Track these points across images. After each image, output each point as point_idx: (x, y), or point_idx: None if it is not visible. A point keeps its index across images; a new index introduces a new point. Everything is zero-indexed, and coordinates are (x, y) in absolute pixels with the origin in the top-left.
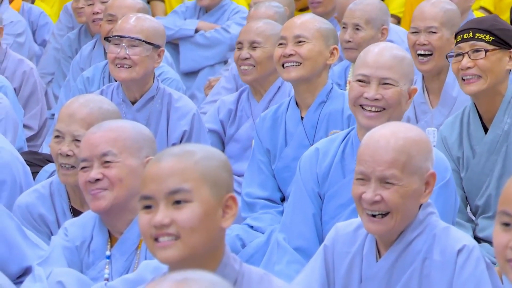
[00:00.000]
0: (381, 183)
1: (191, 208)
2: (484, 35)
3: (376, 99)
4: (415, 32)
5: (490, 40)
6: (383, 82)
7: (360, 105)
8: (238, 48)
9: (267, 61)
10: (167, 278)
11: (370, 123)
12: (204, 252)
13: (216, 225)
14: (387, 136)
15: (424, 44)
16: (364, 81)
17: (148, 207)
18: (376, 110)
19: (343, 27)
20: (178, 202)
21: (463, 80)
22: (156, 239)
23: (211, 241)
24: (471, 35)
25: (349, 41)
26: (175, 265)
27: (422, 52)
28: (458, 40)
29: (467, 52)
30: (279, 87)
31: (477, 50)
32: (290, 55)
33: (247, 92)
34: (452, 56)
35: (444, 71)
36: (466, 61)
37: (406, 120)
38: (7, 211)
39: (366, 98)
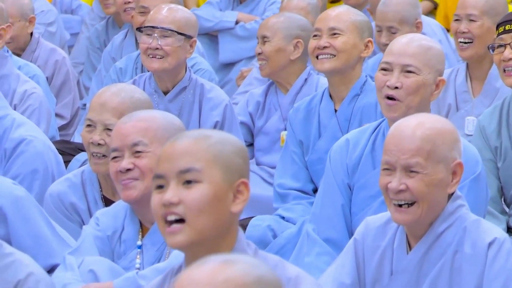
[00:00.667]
0: (406, 172)
1: (200, 188)
2: None
3: (396, 88)
4: (457, 19)
5: None
6: (405, 70)
7: (385, 96)
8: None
9: (276, 55)
10: (209, 259)
11: (391, 114)
12: (213, 237)
13: (225, 209)
14: (412, 126)
15: (464, 32)
16: (387, 69)
17: (160, 186)
18: (398, 99)
19: (378, 30)
20: (188, 182)
21: (504, 71)
22: (165, 220)
23: (219, 225)
24: None
25: (386, 44)
26: (187, 251)
27: (463, 40)
28: (500, 31)
29: (509, 44)
30: (306, 79)
31: None
32: (325, 47)
33: (275, 84)
34: (494, 47)
35: (488, 61)
36: (508, 53)
37: (447, 108)
38: (37, 205)
39: (388, 86)
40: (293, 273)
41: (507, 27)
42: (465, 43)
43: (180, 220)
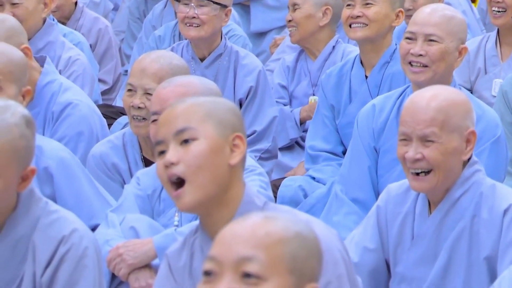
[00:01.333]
0: (421, 142)
1: (197, 145)
2: None
3: (420, 55)
4: None
5: None
6: (429, 39)
7: (409, 62)
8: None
9: (306, 22)
10: (251, 215)
11: (416, 78)
12: (217, 192)
13: (223, 162)
14: (426, 97)
15: (498, 2)
16: (411, 38)
17: (162, 152)
18: (421, 65)
19: None
20: (185, 141)
21: None
22: (171, 182)
23: (220, 179)
24: None
25: (409, 9)
26: (198, 211)
27: (496, 9)
28: None
29: None
30: (334, 46)
31: None
32: (358, 16)
33: (305, 52)
34: None
35: None
36: None
37: (476, 71)
38: (81, 167)
39: (412, 54)
40: (303, 218)
41: None
42: (498, 11)
43: (182, 182)
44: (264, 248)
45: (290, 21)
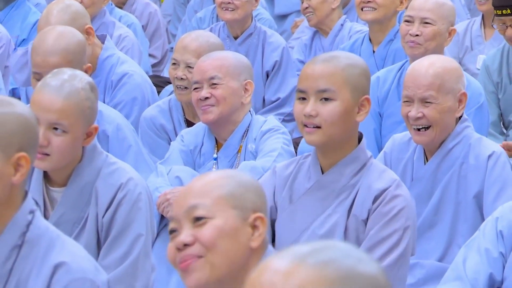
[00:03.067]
0: (422, 103)
1: (334, 105)
2: None
3: (417, 35)
4: None
5: None
6: (424, 22)
7: (407, 41)
8: None
9: (321, 6)
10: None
11: (413, 52)
12: (340, 140)
13: (352, 120)
14: (425, 65)
15: None
16: (409, 21)
17: (303, 98)
18: (417, 43)
19: None
20: (326, 99)
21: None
22: (305, 125)
23: (346, 132)
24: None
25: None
26: (319, 148)
27: None
28: (497, 13)
29: (509, 25)
30: (342, 24)
31: None
32: (368, 1)
33: (318, 32)
34: (494, 23)
35: None
36: (510, 32)
37: (464, 48)
38: (132, 132)
39: (410, 34)
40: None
41: (503, 12)
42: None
43: (317, 127)
44: (205, 195)
45: (306, 8)
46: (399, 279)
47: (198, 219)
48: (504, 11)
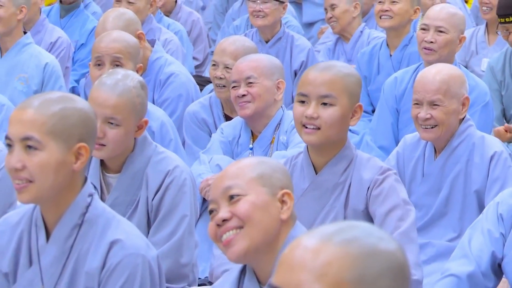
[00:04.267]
0: (430, 105)
1: (334, 109)
2: None
3: (431, 42)
4: None
5: None
6: (438, 30)
7: (423, 48)
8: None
9: (343, 16)
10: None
11: (428, 58)
12: (334, 141)
13: (347, 123)
14: (433, 73)
15: (486, 3)
16: (425, 29)
17: (302, 102)
18: (432, 49)
19: None
20: (326, 104)
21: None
22: (304, 126)
23: (341, 134)
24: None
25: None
26: (316, 148)
27: (485, 7)
28: (501, 21)
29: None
30: (361, 31)
31: None
32: (386, 10)
33: (341, 38)
34: (498, 30)
35: None
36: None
37: (470, 53)
38: (174, 129)
39: (425, 41)
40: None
41: (507, 19)
42: (487, 9)
43: (317, 128)
44: (238, 177)
45: (330, 17)
46: (414, 241)
47: (233, 197)
48: (507, 19)
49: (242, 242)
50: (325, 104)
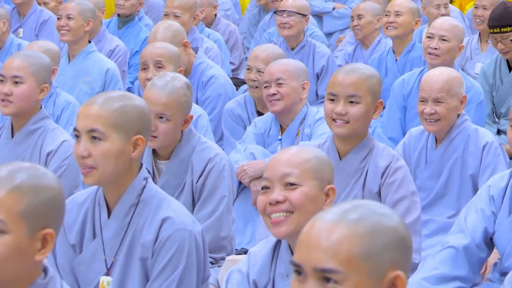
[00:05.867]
0: (435, 102)
1: (359, 106)
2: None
3: (436, 49)
4: (476, 7)
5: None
6: (442, 38)
7: (428, 53)
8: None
9: (367, 26)
10: (289, 147)
11: (432, 62)
12: (359, 132)
13: (370, 117)
14: (437, 74)
15: (480, 16)
16: (430, 37)
17: (332, 100)
18: (436, 54)
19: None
20: (353, 102)
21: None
22: (334, 120)
23: (365, 127)
24: (498, 30)
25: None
26: (344, 138)
27: (478, 20)
28: (491, 32)
29: (499, 41)
30: (379, 41)
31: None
32: (392, 22)
33: (360, 45)
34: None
35: None
36: (501, 46)
37: (465, 58)
38: (208, 124)
39: (430, 47)
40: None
41: (495, 30)
42: (480, 21)
43: (346, 122)
44: (296, 166)
45: (356, 25)
46: (419, 233)
47: (290, 184)
48: (495, 30)
49: (289, 226)
50: (352, 102)
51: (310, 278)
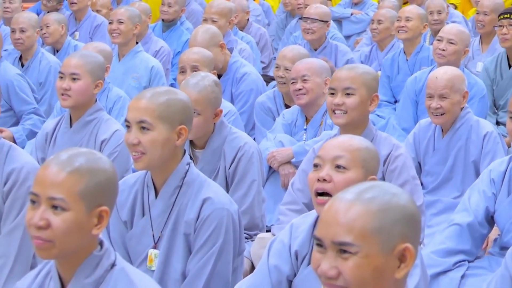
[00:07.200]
0: (440, 98)
1: (355, 97)
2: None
3: (443, 50)
4: (478, 13)
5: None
6: (449, 42)
7: (436, 53)
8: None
9: (385, 31)
10: (341, 135)
11: (440, 61)
12: (357, 121)
13: (366, 108)
14: (441, 73)
15: (481, 21)
16: (440, 40)
17: (332, 93)
18: (443, 55)
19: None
20: (348, 94)
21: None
22: (333, 111)
23: (362, 116)
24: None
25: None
26: (344, 127)
27: (480, 24)
28: (499, 18)
29: (505, 25)
30: (393, 45)
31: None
32: (402, 26)
33: (376, 46)
34: (496, 26)
35: (492, 34)
36: (505, 30)
37: (468, 58)
38: (239, 117)
39: (439, 49)
40: (394, 143)
41: (505, 16)
42: (481, 25)
43: (344, 112)
44: (348, 151)
45: (375, 29)
46: (423, 213)
47: (339, 167)
48: (505, 16)
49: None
50: (348, 94)
51: (329, 250)
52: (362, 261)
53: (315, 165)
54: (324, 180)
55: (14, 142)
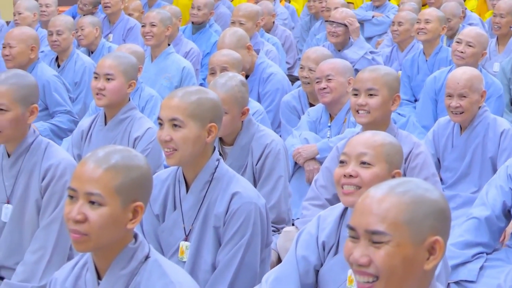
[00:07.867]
0: (459, 97)
1: (377, 98)
2: None
3: (462, 52)
4: (495, 15)
5: None
6: (468, 44)
7: (455, 55)
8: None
9: (405, 32)
10: (366, 132)
11: (458, 62)
12: (380, 121)
13: (388, 108)
14: (460, 73)
15: (497, 23)
16: (459, 42)
17: (355, 94)
18: (461, 57)
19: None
20: (371, 95)
21: None
22: (357, 111)
23: (384, 116)
24: None
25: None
26: (367, 126)
27: (496, 26)
28: None
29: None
30: (413, 45)
31: None
32: (422, 28)
33: (396, 47)
34: None
35: (508, 36)
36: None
37: (485, 59)
38: (266, 115)
39: (458, 50)
40: (414, 141)
41: None
42: (498, 26)
43: (368, 112)
44: (372, 148)
45: (395, 30)
46: None
47: (364, 163)
48: None
49: (357, 198)
50: (371, 95)
51: (362, 239)
52: (393, 250)
53: (341, 162)
54: (351, 176)
55: None
